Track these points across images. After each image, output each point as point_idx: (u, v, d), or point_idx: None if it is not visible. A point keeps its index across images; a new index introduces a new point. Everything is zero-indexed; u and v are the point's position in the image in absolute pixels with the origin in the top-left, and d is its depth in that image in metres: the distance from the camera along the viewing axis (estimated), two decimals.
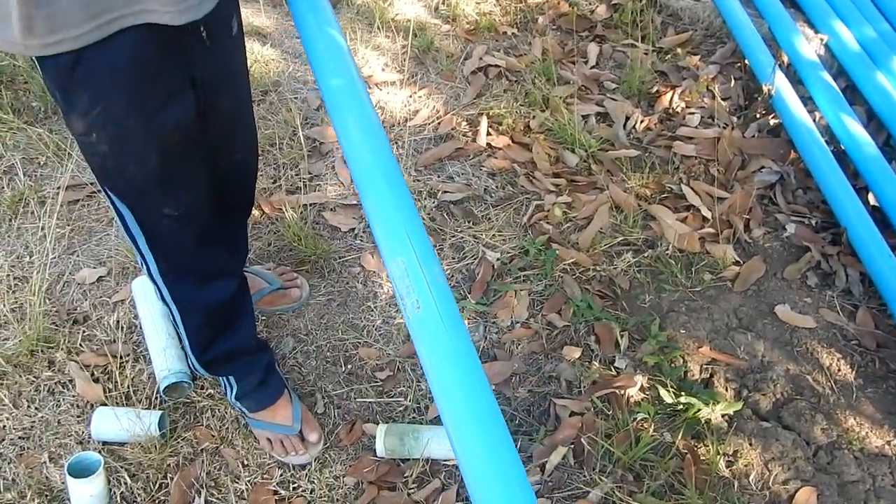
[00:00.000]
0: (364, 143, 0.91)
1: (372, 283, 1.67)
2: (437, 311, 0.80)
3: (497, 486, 0.78)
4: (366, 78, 2.12)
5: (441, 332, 0.80)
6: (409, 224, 0.85)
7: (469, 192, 1.82)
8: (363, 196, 0.91)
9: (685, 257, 1.66)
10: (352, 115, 0.93)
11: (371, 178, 0.89)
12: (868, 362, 1.50)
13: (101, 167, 1.00)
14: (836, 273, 1.63)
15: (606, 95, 2.02)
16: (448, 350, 0.80)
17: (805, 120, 1.81)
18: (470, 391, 0.80)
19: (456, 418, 0.80)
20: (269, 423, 1.42)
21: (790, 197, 1.77)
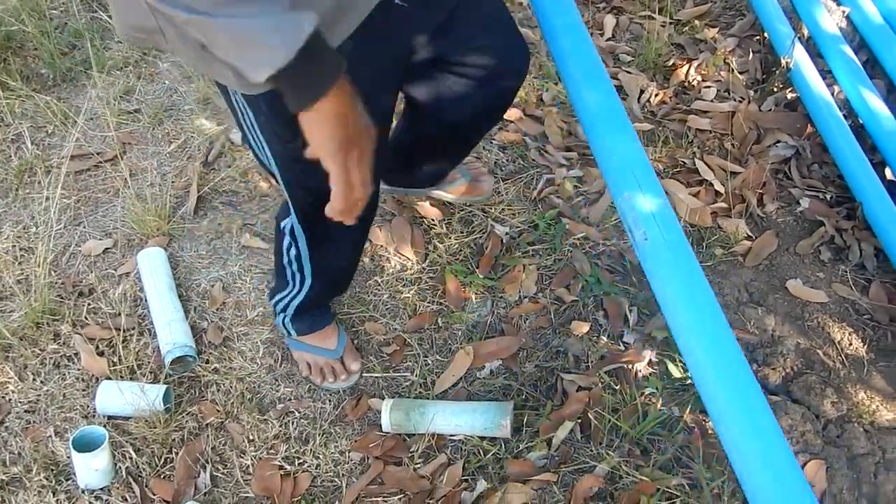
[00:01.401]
0: (590, 86, 0.99)
1: (379, 258, 1.71)
2: (664, 242, 0.88)
3: (732, 395, 0.86)
4: None
5: (669, 260, 0.88)
6: (636, 161, 0.93)
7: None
8: (592, 138, 1.01)
9: (696, 232, 1.69)
10: (575, 61, 1.03)
11: (599, 122, 0.98)
12: (880, 336, 1.53)
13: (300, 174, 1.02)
14: (850, 248, 1.66)
15: (621, 68, 2.04)
16: (677, 277, 0.87)
17: (823, 94, 1.83)
18: (701, 316, 0.87)
19: (690, 347, 0.89)
20: (314, 346, 1.51)
21: (805, 171, 1.80)
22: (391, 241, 1.72)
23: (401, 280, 1.68)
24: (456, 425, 1.44)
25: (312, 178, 0.84)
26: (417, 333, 1.60)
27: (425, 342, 1.58)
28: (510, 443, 1.42)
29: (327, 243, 1.28)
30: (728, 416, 0.86)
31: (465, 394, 1.50)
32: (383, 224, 1.75)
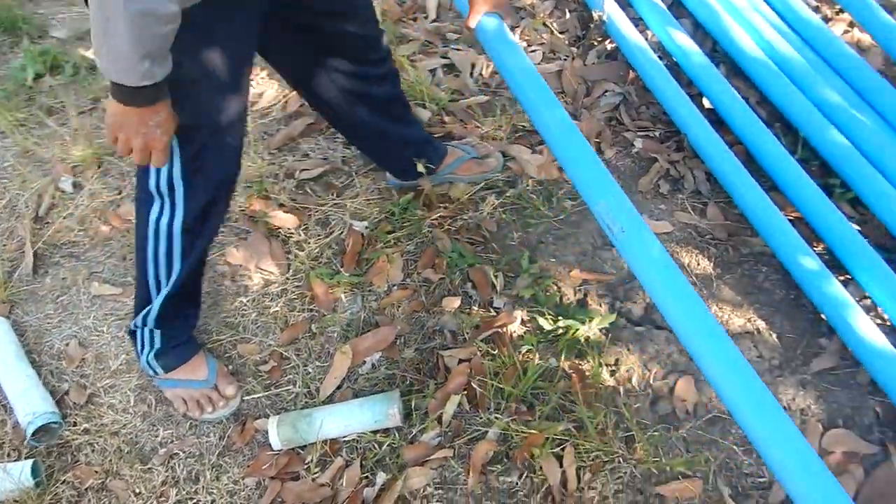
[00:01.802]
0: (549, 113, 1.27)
1: (241, 278, 1.68)
2: (636, 232, 1.16)
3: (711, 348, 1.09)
4: None
5: (642, 244, 1.15)
6: (602, 175, 1.22)
7: (327, 165, 1.86)
8: (564, 162, 1.31)
9: (545, 189, 1.77)
10: (534, 96, 1.30)
11: (564, 144, 1.26)
12: (723, 252, 1.66)
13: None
14: (684, 177, 1.78)
15: (450, 47, 2.10)
16: (649, 256, 1.14)
17: (638, 40, 1.95)
18: (670, 281, 1.13)
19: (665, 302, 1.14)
20: (183, 381, 1.47)
21: (634, 115, 1.92)
22: (250, 259, 1.69)
23: (267, 295, 1.65)
24: (346, 426, 1.44)
25: None
26: (293, 345, 1.58)
27: (302, 352, 1.57)
28: (403, 430, 1.43)
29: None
30: (702, 357, 1.09)
31: (352, 393, 1.50)
32: (239, 243, 1.72)
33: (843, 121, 1.73)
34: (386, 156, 1.71)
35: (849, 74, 1.83)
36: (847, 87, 1.82)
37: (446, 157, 1.74)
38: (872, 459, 1.36)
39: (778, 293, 1.60)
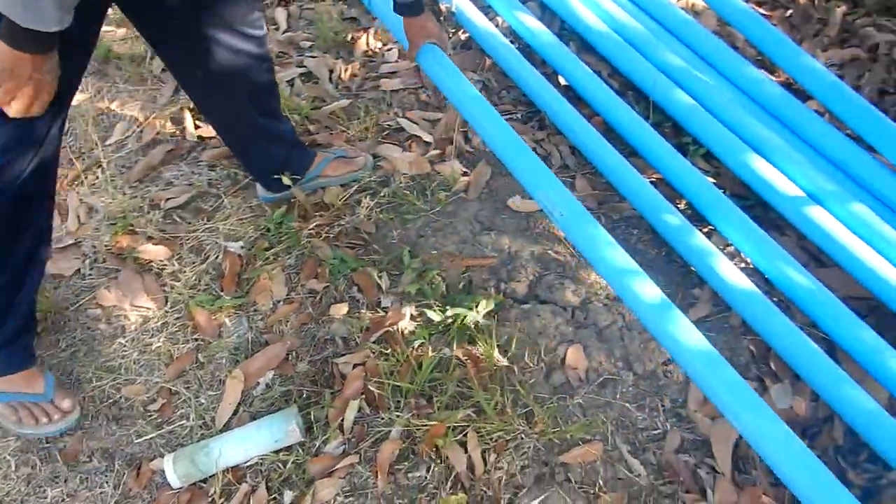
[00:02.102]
0: (491, 126, 1.50)
1: (116, 319, 1.60)
2: (573, 213, 1.37)
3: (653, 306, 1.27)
4: None
5: (580, 223, 1.37)
6: (539, 168, 1.44)
7: (194, 190, 1.80)
8: (507, 161, 1.51)
9: (418, 184, 1.78)
10: (477, 112, 1.53)
11: (506, 147, 1.48)
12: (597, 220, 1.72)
13: None
14: (551, 154, 1.84)
15: (305, 55, 2.08)
16: (588, 232, 1.36)
17: (488, 27, 2.00)
18: (609, 250, 1.33)
19: (612, 271, 1.32)
20: (19, 392, 1.42)
21: (496, 100, 1.96)
22: (124, 298, 1.62)
23: (147, 332, 1.58)
24: (246, 450, 1.39)
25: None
26: (181, 378, 1.52)
27: (192, 383, 1.51)
28: (306, 444, 1.41)
29: None
30: (650, 320, 1.28)
31: (249, 417, 1.46)
32: (110, 283, 1.64)
33: (686, 82, 1.84)
34: (257, 155, 1.66)
35: (686, 37, 1.95)
36: (686, 49, 1.94)
37: (314, 160, 1.73)
38: None
39: (651, 252, 1.68)
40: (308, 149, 1.75)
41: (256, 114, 1.53)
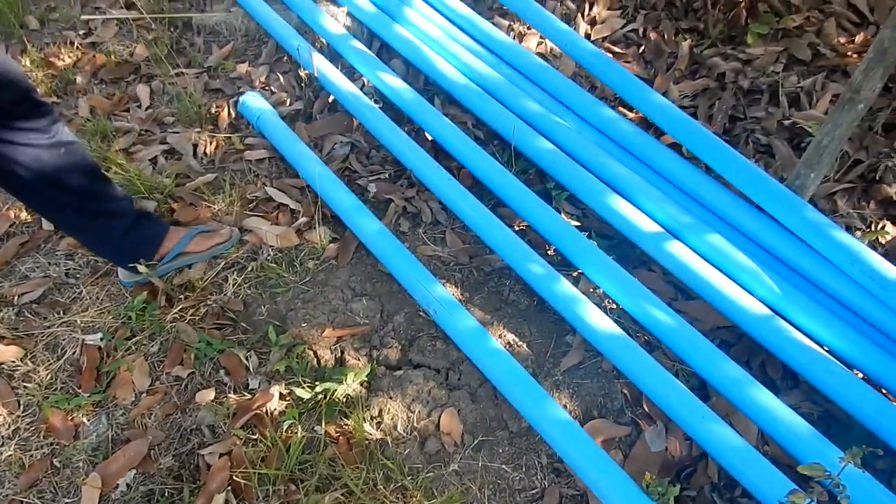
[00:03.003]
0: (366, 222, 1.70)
1: None
2: (446, 309, 1.53)
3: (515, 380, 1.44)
4: None
5: (453, 317, 1.52)
6: (418, 268, 1.61)
7: (50, 282, 1.70)
8: (384, 262, 1.68)
9: (286, 255, 1.73)
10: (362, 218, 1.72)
11: (385, 250, 1.66)
12: (468, 275, 1.70)
13: None
14: (422, 211, 1.81)
15: (168, 131, 2.01)
16: (461, 324, 1.51)
17: (350, 89, 1.98)
18: (478, 337, 1.49)
19: (482, 354, 1.48)
20: None
21: (365, 160, 1.93)
22: None
23: None
24: None
25: None
26: (34, 488, 1.40)
27: (46, 492, 1.40)
28: None
29: None
30: (510, 395, 1.44)
31: None
32: None
33: (546, 127, 1.85)
34: (95, 236, 1.58)
35: (544, 83, 1.96)
36: (545, 95, 1.95)
37: (169, 235, 1.66)
38: (628, 440, 1.44)
39: (523, 302, 1.65)
40: (158, 219, 1.69)
41: (75, 198, 1.46)
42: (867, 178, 1.84)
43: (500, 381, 1.45)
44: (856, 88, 1.55)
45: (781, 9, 2.19)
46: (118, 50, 2.27)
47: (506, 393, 1.44)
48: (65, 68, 2.22)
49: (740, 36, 2.16)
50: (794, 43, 2.11)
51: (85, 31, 2.35)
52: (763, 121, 1.94)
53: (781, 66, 2.06)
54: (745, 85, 2.01)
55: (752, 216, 1.65)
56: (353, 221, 1.72)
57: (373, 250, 1.69)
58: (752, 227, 1.64)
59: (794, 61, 2.08)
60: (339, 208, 1.75)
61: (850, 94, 1.56)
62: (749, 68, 2.06)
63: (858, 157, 1.86)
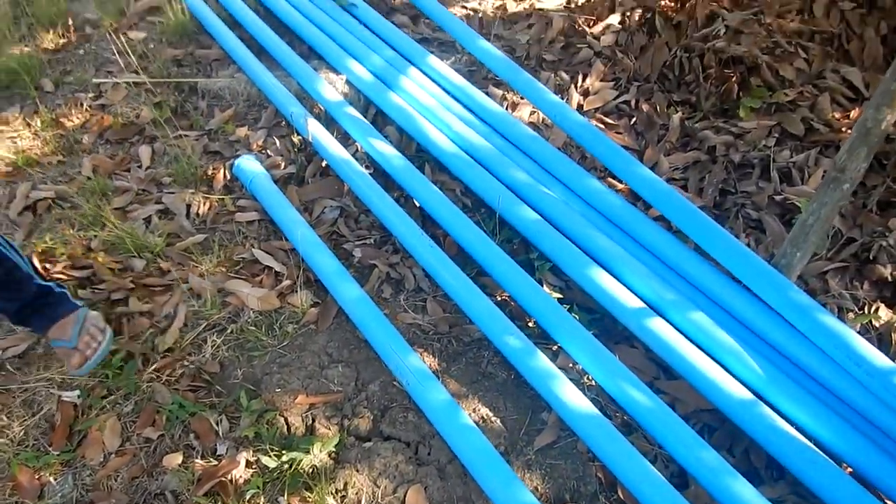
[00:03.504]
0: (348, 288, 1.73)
1: None
2: (419, 381, 1.52)
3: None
4: None
5: (426, 389, 1.51)
6: (394, 337, 1.61)
7: (34, 338, 1.72)
8: (364, 330, 1.68)
9: (267, 318, 1.73)
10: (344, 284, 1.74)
11: (364, 317, 1.67)
12: (446, 344, 1.68)
13: None
14: (405, 277, 1.81)
15: (164, 192, 2.05)
16: (433, 397, 1.50)
17: (342, 155, 2.01)
18: (450, 412, 1.48)
19: (452, 429, 1.46)
20: None
21: (353, 225, 1.95)
22: None
23: None
24: None
25: None
26: None
27: None
28: None
29: None
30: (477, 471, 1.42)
31: None
32: None
33: (533, 197, 1.85)
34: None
35: (533, 153, 1.97)
36: (534, 165, 1.96)
37: (64, 319, 1.59)
38: None
39: (500, 375, 1.63)
40: (65, 299, 1.63)
41: None
42: (861, 258, 1.80)
43: (469, 459, 1.41)
44: (840, 167, 1.54)
45: (775, 83, 2.20)
46: (125, 112, 2.35)
47: (474, 472, 1.40)
48: (73, 128, 2.29)
49: (732, 109, 2.16)
50: (787, 117, 2.11)
51: (96, 94, 2.44)
52: (754, 195, 1.93)
53: (774, 140, 2.05)
54: (736, 159, 2.01)
55: (737, 294, 1.62)
56: (335, 287, 1.72)
57: (352, 317, 1.69)
58: (737, 305, 1.61)
59: (787, 136, 2.08)
60: (321, 273, 1.76)
61: (836, 173, 1.55)
62: (741, 142, 2.06)
63: (852, 236, 1.83)
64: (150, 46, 2.60)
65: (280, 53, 2.41)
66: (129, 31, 2.69)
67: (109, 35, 2.66)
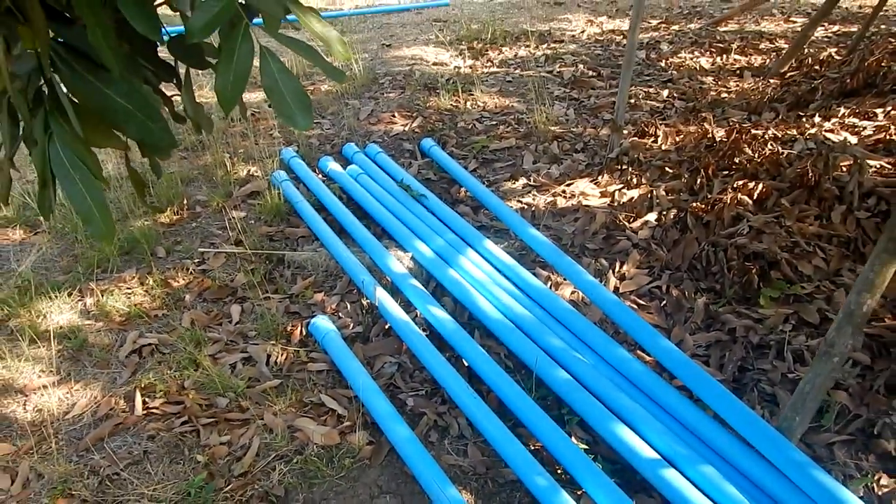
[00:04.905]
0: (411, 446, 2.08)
1: None
2: None
3: None
4: (19, 389, 2.43)
5: None
6: (436, 471, 1.97)
7: (130, 459, 2.15)
8: (410, 465, 2.04)
9: (327, 452, 2.12)
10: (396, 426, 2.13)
11: (411, 458, 2.05)
12: (482, 484, 2.02)
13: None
14: (450, 425, 2.20)
15: (249, 343, 2.56)
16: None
17: (403, 318, 2.50)
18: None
19: None
20: None
21: (408, 379, 2.38)
22: None
23: None
24: None
25: None
26: None
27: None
28: None
29: None
30: None
31: None
32: None
33: (566, 360, 2.27)
34: None
35: (570, 324, 2.42)
36: (569, 334, 2.39)
37: None
38: None
39: None
40: None
41: None
42: (866, 432, 2.10)
43: None
44: (830, 343, 1.91)
45: (794, 277, 2.62)
46: (222, 276, 2.95)
47: None
48: (178, 288, 2.89)
49: (754, 298, 2.58)
50: (803, 307, 2.50)
51: (199, 261, 3.07)
52: (769, 373, 2.28)
53: (791, 326, 2.44)
54: (754, 340, 2.39)
55: (743, 452, 1.93)
56: (389, 428, 2.12)
57: (402, 454, 2.06)
58: (743, 462, 1.92)
59: (803, 323, 2.46)
60: (378, 416, 2.17)
61: (826, 348, 1.92)
62: (760, 326, 2.45)
63: (858, 413, 2.14)
64: (249, 223, 3.27)
65: (357, 233, 3.02)
66: (233, 210, 3.39)
67: (216, 213, 3.36)
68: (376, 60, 5.59)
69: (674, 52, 5.18)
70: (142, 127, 0.90)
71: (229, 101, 0.84)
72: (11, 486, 2.09)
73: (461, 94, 4.63)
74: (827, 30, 5.37)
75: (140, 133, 0.91)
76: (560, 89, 4.71)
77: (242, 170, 3.87)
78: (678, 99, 4.34)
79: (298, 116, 0.82)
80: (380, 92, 4.91)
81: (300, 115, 0.82)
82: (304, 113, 0.82)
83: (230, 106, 0.85)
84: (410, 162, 3.86)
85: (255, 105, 4.78)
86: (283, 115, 0.82)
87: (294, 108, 0.81)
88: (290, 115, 0.82)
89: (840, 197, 2.91)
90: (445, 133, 4.16)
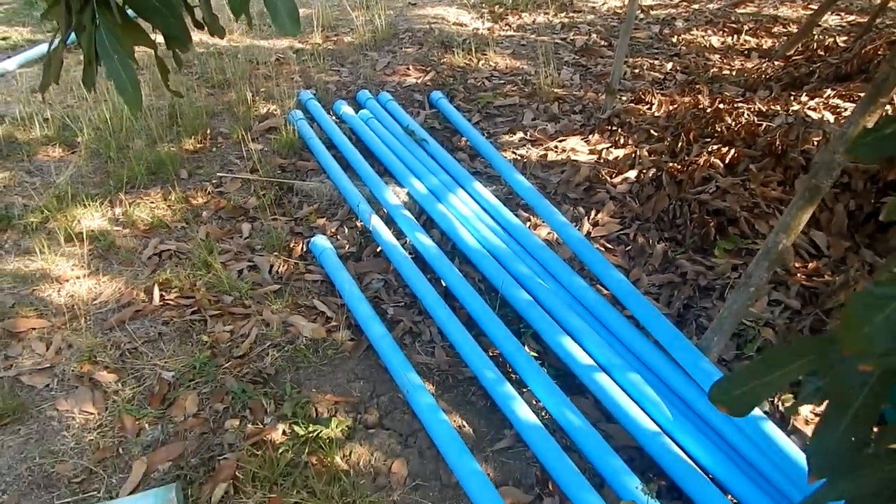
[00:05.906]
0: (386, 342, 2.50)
1: (65, 419, 2.30)
2: (415, 390, 2.28)
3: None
4: (55, 278, 2.88)
5: (419, 396, 2.27)
6: (402, 360, 2.40)
7: (147, 338, 2.59)
8: (382, 356, 2.47)
9: (314, 344, 2.54)
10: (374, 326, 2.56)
11: (384, 350, 2.45)
12: (444, 379, 2.43)
13: None
14: (423, 332, 2.61)
15: (255, 254, 2.99)
16: (423, 400, 2.25)
17: (394, 243, 2.91)
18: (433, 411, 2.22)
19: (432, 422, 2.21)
20: None
21: (392, 294, 2.79)
22: (75, 405, 2.33)
23: (86, 430, 2.26)
24: None
25: None
26: (101, 463, 2.17)
27: (109, 467, 2.16)
28: None
29: None
30: (446, 452, 2.12)
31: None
32: (69, 395, 2.36)
33: (530, 285, 2.66)
34: None
35: (539, 257, 2.81)
36: (537, 265, 2.78)
37: None
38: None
39: (480, 403, 2.35)
40: None
41: None
42: None
43: (442, 444, 2.11)
44: (748, 275, 2.28)
45: (749, 234, 2.97)
46: (237, 199, 3.37)
47: (444, 454, 2.10)
48: (197, 206, 3.32)
49: (710, 249, 2.94)
50: (752, 259, 2.86)
51: (217, 183, 3.50)
52: (709, 310, 2.65)
53: (738, 274, 2.80)
54: (702, 283, 2.76)
55: (665, 363, 2.32)
56: (368, 328, 2.53)
57: (376, 348, 2.47)
58: (664, 371, 2.31)
59: None
60: (360, 318, 2.58)
61: (745, 279, 2.29)
62: (710, 272, 2.82)
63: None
64: (265, 154, 3.69)
65: (360, 168, 3.43)
66: (251, 142, 3.81)
67: (236, 144, 3.78)
68: (400, 17, 5.95)
69: (687, 29, 5.48)
70: (165, 20, 1.29)
71: (238, 10, 1.22)
72: (46, 351, 2.54)
73: (475, 54, 4.99)
74: (843, 18, 5.62)
75: (163, 25, 1.30)
76: (571, 56, 5.05)
77: (263, 108, 4.29)
78: (680, 72, 4.66)
79: (288, 24, 1.20)
80: (399, 46, 5.29)
81: (290, 23, 1.19)
82: (293, 21, 1.19)
83: (239, 13, 1.24)
84: (419, 111, 4.25)
85: (281, 51, 5.19)
86: (276, 22, 1.20)
87: (286, 17, 1.18)
88: (283, 24, 1.20)
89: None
90: (455, 88, 4.54)
